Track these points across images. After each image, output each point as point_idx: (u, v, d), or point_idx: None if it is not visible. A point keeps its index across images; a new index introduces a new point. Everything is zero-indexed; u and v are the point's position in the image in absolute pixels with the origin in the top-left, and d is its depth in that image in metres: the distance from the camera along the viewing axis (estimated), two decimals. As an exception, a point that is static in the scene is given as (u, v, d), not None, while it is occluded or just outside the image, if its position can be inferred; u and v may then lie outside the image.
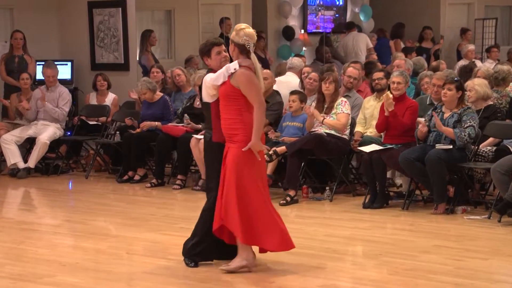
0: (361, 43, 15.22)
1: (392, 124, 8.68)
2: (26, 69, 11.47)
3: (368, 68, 10.98)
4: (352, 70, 9.82)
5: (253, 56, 6.12)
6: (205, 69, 10.48)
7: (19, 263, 6.56)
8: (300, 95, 9.42)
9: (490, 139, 8.53)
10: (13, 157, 10.74)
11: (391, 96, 8.84)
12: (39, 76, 11.63)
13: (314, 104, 9.27)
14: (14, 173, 10.76)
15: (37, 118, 11.05)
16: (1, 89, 11.66)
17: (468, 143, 8.23)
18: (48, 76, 11.08)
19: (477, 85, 8.69)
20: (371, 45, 15.14)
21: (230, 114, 6.05)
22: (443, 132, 8.17)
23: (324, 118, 9.02)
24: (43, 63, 11.45)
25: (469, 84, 8.74)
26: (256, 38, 6.20)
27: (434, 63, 11.99)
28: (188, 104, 10.15)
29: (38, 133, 10.89)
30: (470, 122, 8.16)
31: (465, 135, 8.10)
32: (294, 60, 11.14)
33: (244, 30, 6.13)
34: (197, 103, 9.94)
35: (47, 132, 10.85)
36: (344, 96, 9.38)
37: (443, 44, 16.32)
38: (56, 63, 11.43)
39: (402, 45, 15.73)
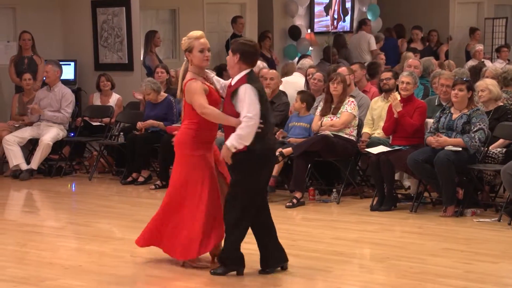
0: (364, 44, 15.20)
1: (400, 125, 8.65)
2: (36, 70, 11.45)
3: (372, 69, 10.94)
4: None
5: None
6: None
7: (22, 266, 6.56)
8: (303, 95, 9.40)
9: (500, 141, 8.46)
10: (16, 158, 10.69)
11: (398, 97, 8.81)
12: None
13: (321, 103, 9.24)
14: (17, 174, 10.73)
15: (40, 119, 11.02)
16: (12, 90, 11.69)
17: (479, 147, 8.18)
18: (47, 71, 11.03)
19: (490, 85, 8.63)
20: (374, 47, 15.11)
21: None
22: (452, 144, 8.10)
23: (322, 121, 9.06)
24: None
25: (481, 84, 8.67)
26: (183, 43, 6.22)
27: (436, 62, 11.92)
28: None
29: (41, 134, 10.87)
30: (479, 124, 8.11)
31: (475, 142, 8.06)
32: (305, 61, 11.08)
33: None
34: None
35: (49, 133, 10.81)
36: (350, 96, 9.33)
37: (452, 44, 16.27)
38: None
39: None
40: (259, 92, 5.96)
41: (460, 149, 8.09)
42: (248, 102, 5.90)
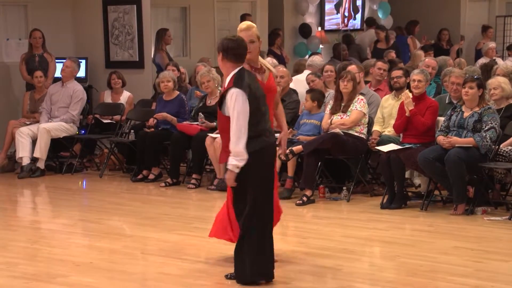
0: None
1: (412, 124, 8.66)
2: (47, 68, 11.49)
3: (389, 66, 10.89)
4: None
5: None
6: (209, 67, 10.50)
7: (33, 262, 6.59)
8: (313, 93, 9.41)
9: None
10: (22, 151, 10.69)
11: (410, 95, 8.81)
12: (57, 74, 11.66)
13: (332, 102, 9.26)
14: (23, 169, 10.69)
15: (50, 116, 11.05)
16: (23, 89, 11.71)
17: (491, 146, 8.17)
18: (67, 66, 11.10)
19: (503, 83, 8.62)
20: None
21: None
22: (463, 144, 8.09)
23: (332, 119, 9.07)
24: (60, 61, 11.53)
25: (493, 82, 8.66)
26: None
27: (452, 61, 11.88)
28: (201, 105, 10.12)
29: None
30: (491, 123, 8.09)
31: (487, 142, 8.05)
32: (315, 58, 11.09)
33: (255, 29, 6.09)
34: (209, 102, 9.96)
35: (52, 123, 10.84)
36: (359, 94, 9.34)
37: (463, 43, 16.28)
38: (70, 60, 11.46)
39: (418, 43, 15.66)
40: (249, 91, 5.68)
41: (471, 146, 8.08)
42: (235, 110, 5.60)
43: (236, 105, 5.60)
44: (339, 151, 8.87)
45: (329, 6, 15.79)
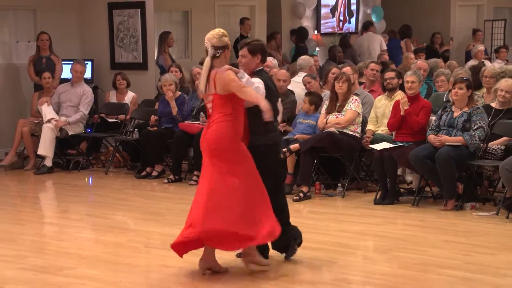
0: (376, 44, 15.30)
1: (406, 123, 8.75)
2: (54, 69, 11.60)
3: (382, 68, 11.05)
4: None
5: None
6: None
7: (41, 255, 6.66)
8: (311, 97, 9.55)
9: (504, 138, 8.46)
10: (44, 150, 10.84)
11: (404, 95, 8.94)
12: (64, 75, 11.79)
13: (327, 102, 9.38)
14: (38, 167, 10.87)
15: (59, 114, 11.19)
16: (31, 89, 11.81)
17: (479, 145, 8.29)
18: (76, 71, 11.24)
19: None
20: (385, 47, 15.21)
21: None
22: (453, 142, 8.18)
23: (327, 119, 9.18)
24: (67, 62, 11.66)
25: (506, 85, 8.61)
26: (223, 39, 5.93)
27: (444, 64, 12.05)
28: (202, 104, 10.27)
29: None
30: (479, 122, 8.19)
31: (475, 141, 8.16)
32: (300, 61, 11.05)
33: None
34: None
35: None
36: (354, 94, 9.45)
37: (452, 45, 16.38)
38: (76, 62, 11.62)
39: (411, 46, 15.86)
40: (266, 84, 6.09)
41: (461, 143, 8.18)
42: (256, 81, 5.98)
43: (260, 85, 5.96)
44: (334, 149, 8.96)
45: (325, 10, 15.76)
